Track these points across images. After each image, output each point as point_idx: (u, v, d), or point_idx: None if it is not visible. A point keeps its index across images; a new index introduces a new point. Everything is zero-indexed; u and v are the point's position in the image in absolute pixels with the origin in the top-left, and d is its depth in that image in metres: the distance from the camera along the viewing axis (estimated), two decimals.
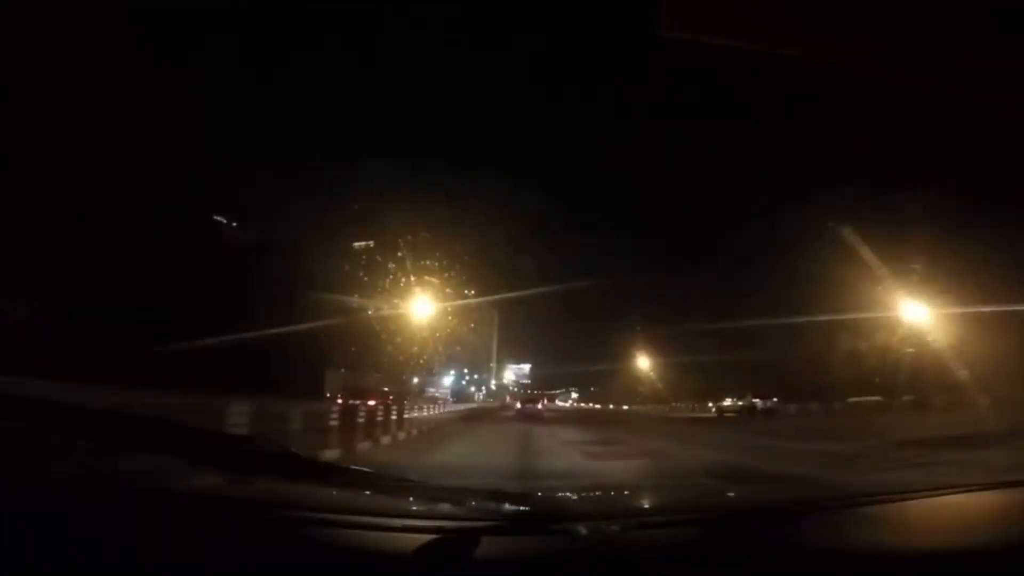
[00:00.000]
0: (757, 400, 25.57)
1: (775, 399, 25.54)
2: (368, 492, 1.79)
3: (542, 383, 61.85)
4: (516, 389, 64.72)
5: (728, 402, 26.89)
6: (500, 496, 1.56)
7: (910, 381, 16.94)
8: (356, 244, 22.41)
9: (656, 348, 35.23)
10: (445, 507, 1.63)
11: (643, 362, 36.81)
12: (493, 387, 63.29)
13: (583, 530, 1.34)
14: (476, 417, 23.98)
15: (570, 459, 8.74)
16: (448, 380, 43.52)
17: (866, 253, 13.71)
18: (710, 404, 28.66)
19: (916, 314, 15.18)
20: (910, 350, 16.82)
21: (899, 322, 16.98)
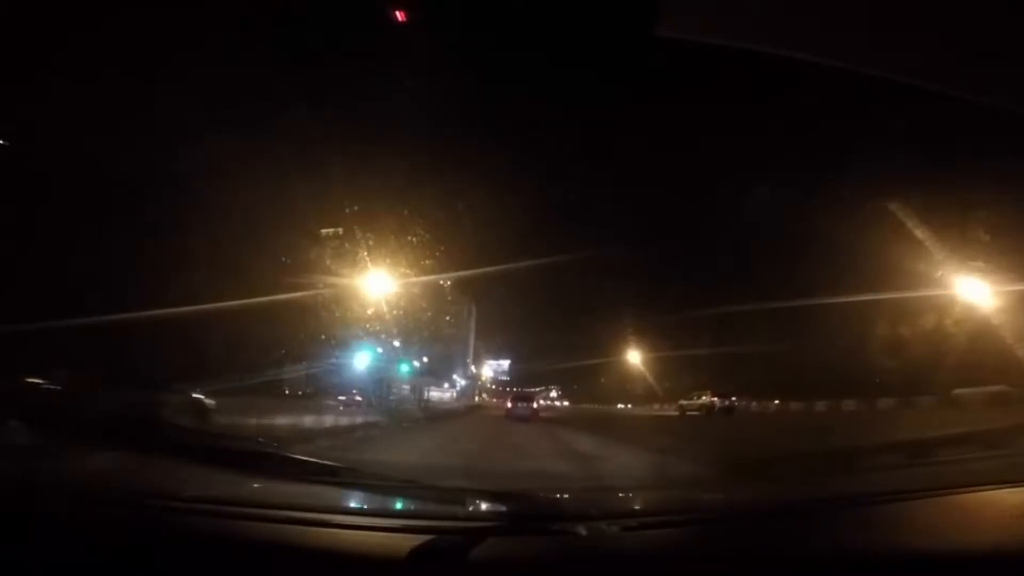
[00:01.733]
0: (715, 399, 25.83)
1: (734, 398, 25.77)
2: (369, 493, 1.79)
3: (523, 380, 55.78)
4: (494, 386, 62.03)
5: (704, 398, 26.85)
6: (500, 496, 1.56)
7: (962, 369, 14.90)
8: (323, 231, 19.65)
9: (646, 344, 34.79)
10: (445, 507, 1.63)
11: (631, 360, 36.24)
12: (463, 383, 54.46)
13: (583, 530, 1.34)
14: None
15: None
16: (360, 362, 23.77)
17: (907, 224, 12.24)
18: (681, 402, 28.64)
19: (972, 292, 12.38)
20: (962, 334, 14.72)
21: (951, 302, 13.67)
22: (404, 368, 32.55)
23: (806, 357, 22.09)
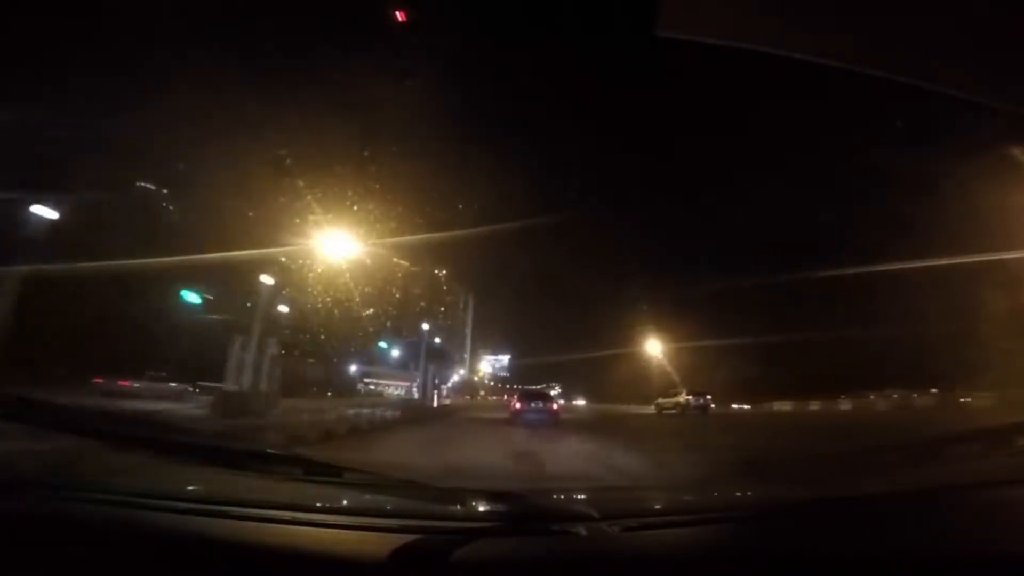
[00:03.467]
0: (690, 397, 26.08)
1: (708, 396, 26.14)
2: (367, 493, 1.79)
3: (523, 377, 52.30)
4: (491, 383, 59.52)
5: (680, 397, 26.86)
6: (500, 496, 1.56)
7: None
8: (308, 218, 18.94)
9: (661, 337, 34.56)
10: (444, 507, 1.63)
11: (644, 354, 35.92)
12: (456, 380, 49.29)
13: (583, 530, 1.34)
14: None
15: None
16: None
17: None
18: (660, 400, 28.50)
19: None
20: None
21: None
22: (186, 296, 16.54)
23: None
